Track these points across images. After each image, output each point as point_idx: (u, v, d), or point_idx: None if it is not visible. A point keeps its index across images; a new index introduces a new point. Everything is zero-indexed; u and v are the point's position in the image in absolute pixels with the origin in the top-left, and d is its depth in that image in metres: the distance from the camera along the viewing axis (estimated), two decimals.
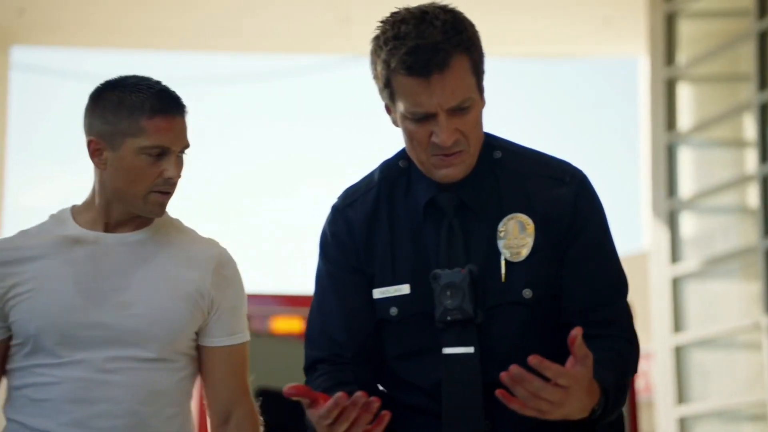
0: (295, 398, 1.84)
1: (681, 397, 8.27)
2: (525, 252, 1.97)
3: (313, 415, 1.85)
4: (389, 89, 1.97)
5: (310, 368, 2.07)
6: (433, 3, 1.99)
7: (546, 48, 10.02)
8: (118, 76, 2.25)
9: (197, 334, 2.27)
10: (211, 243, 2.31)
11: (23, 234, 2.27)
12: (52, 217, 2.29)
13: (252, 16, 9.01)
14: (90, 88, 2.27)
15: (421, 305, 1.99)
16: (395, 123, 2.02)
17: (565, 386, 1.79)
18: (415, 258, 2.01)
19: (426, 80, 1.92)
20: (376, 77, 2.00)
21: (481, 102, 2.00)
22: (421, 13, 1.95)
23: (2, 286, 2.21)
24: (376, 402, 1.83)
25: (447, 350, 1.96)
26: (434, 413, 2.00)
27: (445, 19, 1.96)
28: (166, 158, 2.20)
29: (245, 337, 2.31)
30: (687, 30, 8.59)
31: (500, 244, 1.98)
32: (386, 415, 1.85)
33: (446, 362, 1.96)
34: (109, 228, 2.25)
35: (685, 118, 8.53)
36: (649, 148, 8.67)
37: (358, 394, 1.83)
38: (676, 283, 8.35)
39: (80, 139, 2.26)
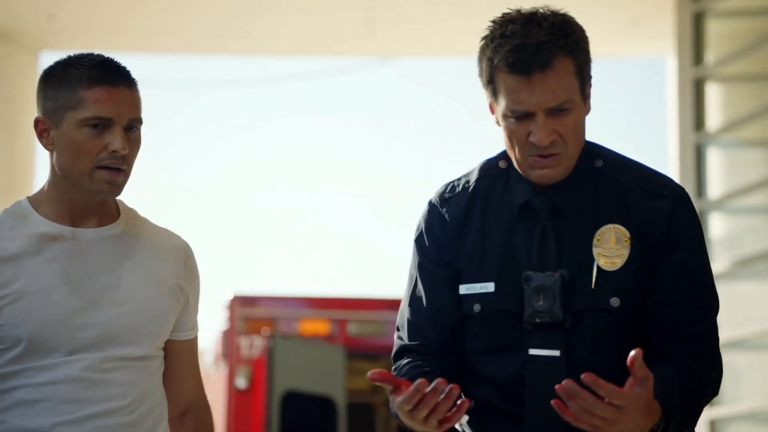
0: (378, 383, 1.88)
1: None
2: (619, 263, 1.98)
3: (395, 400, 1.89)
4: (492, 86, 2.00)
5: (397, 356, 2.10)
6: (546, 6, 2.04)
7: None
8: (66, 56, 2.17)
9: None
10: (172, 234, 2.27)
11: None
12: (7, 212, 2.18)
13: (281, 20, 9.05)
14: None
15: (504, 304, 2.01)
16: (497, 122, 2.04)
17: (618, 406, 1.81)
18: (503, 257, 2.03)
19: (527, 79, 1.95)
20: (480, 74, 2.03)
21: (585, 107, 2.02)
22: (531, 14, 2.00)
23: None
24: (456, 389, 1.85)
25: (533, 351, 1.98)
26: (504, 411, 2.02)
27: (554, 22, 2.00)
28: (110, 130, 2.09)
29: (198, 329, 2.32)
30: (715, 29, 8.54)
31: (595, 251, 2.00)
32: (465, 402, 1.88)
33: (531, 363, 1.98)
34: (76, 220, 2.15)
35: (713, 118, 8.48)
36: (677, 148, 8.62)
37: (439, 380, 1.85)
38: None
39: None
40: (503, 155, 2.09)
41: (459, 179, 2.12)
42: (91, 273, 2.14)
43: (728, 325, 8.25)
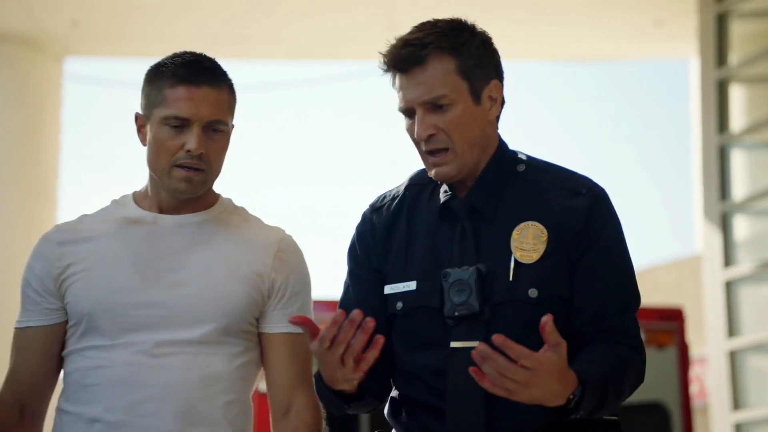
0: (299, 326, 1.95)
1: (737, 402, 8.16)
2: (536, 256, 2.04)
3: (313, 345, 1.96)
4: (395, 88, 2.11)
5: None
6: (458, 17, 2.12)
7: (597, 51, 9.97)
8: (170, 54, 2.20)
9: (257, 320, 2.20)
10: (275, 229, 2.25)
11: (84, 217, 2.24)
12: (114, 201, 2.25)
13: (303, 24, 9.07)
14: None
15: (425, 300, 2.08)
16: None
17: (529, 368, 1.86)
18: (426, 257, 2.10)
19: (406, 75, 2.06)
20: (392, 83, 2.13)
21: (476, 106, 2.08)
22: (427, 21, 2.12)
23: (58, 266, 2.18)
24: (371, 321, 1.92)
25: (454, 344, 2.04)
26: (429, 406, 2.07)
27: (443, 25, 2.09)
28: (188, 130, 2.11)
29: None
30: (738, 30, 8.49)
31: (513, 245, 2.06)
32: (380, 338, 1.94)
33: (452, 356, 2.04)
34: (164, 210, 2.20)
35: (737, 120, 8.43)
36: (700, 150, 8.58)
37: (355, 311, 1.93)
38: (730, 287, 8.25)
39: (133, 149, 2.26)
40: None
41: (391, 190, 2.21)
42: (159, 255, 2.17)
43: (753, 328, 8.20)
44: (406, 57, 2.05)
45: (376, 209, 2.19)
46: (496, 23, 2.16)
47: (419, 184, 2.17)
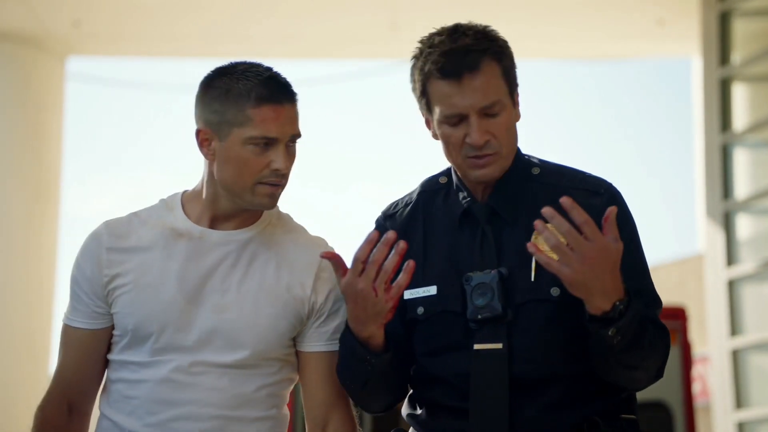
0: (329, 260, 2.02)
1: (739, 401, 8.16)
2: (556, 257, 2.03)
3: (342, 279, 2.02)
4: (425, 98, 2.12)
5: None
6: (469, 21, 2.13)
7: (599, 50, 9.96)
8: (229, 63, 2.18)
9: (294, 339, 2.22)
10: (317, 244, 2.24)
11: (134, 218, 2.22)
12: (162, 201, 2.24)
13: (305, 23, 9.07)
14: (146, 97, 2.25)
15: (446, 304, 2.10)
16: (434, 136, 2.15)
17: (590, 239, 1.90)
18: (446, 262, 2.13)
19: (458, 82, 2.06)
20: (414, 89, 2.14)
21: (514, 111, 2.12)
22: (454, 26, 2.12)
23: (107, 274, 2.19)
24: (403, 243, 1.97)
25: (477, 346, 2.05)
26: (451, 408, 2.08)
27: (477, 30, 2.11)
28: (273, 148, 2.13)
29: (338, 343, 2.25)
30: (741, 29, 8.49)
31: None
32: (411, 263, 1.98)
33: (476, 357, 2.05)
34: (215, 222, 2.19)
35: (740, 119, 8.43)
36: (703, 149, 8.57)
37: (390, 232, 1.99)
38: (732, 286, 8.24)
39: (136, 148, 2.25)
40: (443, 172, 2.22)
41: (402, 198, 2.24)
42: (204, 275, 2.18)
43: (756, 327, 8.20)
44: (465, 63, 2.04)
45: (389, 216, 2.21)
46: (497, 22, 2.16)
47: (430, 191, 2.20)
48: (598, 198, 2.10)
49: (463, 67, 2.05)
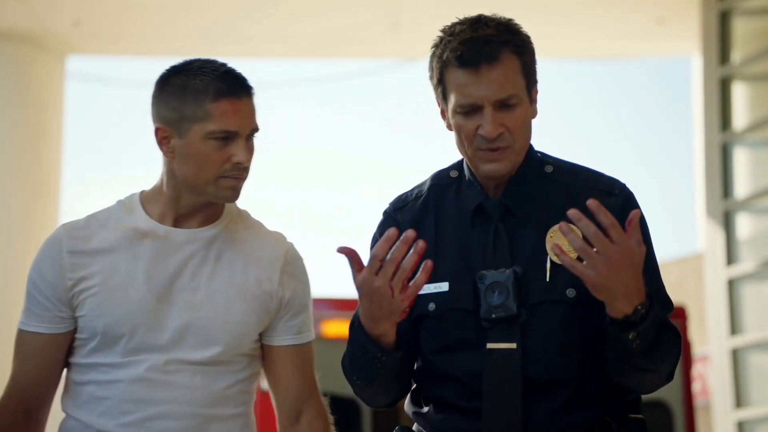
0: (345, 254, 1.97)
1: (739, 400, 8.16)
2: (572, 257, 2.02)
3: (358, 276, 1.97)
4: (442, 86, 2.09)
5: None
6: (493, 12, 2.11)
7: (599, 49, 9.96)
8: (183, 61, 2.19)
9: (261, 333, 2.23)
10: (278, 239, 2.26)
11: (92, 221, 2.21)
12: (120, 203, 2.24)
13: (305, 22, 9.07)
14: (146, 96, 2.22)
15: (458, 302, 2.08)
16: (448, 127, 2.12)
17: (615, 242, 1.88)
18: (457, 259, 2.10)
19: (475, 71, 2.03)
20: (431, 77, 2.11)
21: (531, 107, 2.10)
22: (477, 17, 2.10)
23: (71, 278, 2.17)
24: (422, 242, 1.94)
25: (491, 345, 2.03)
26: (462, 408, 2.06)
27: (499, 22, 2.09)
28: (234, 142, 2.14)
29: (311, 335, 2.27)
30: (741, 28, 8.49)
31: (548, 246, 2.06)
32: (429, 263, 1.95)
33: (489, 357, 2.03)
34: (178, 220, 2.20)
35: (739, 118, 8.43)
36: (703, 148, 8.57)
37: (409, 231, 1.94)
38: (732, 285, 8.24)
39: (136, 148, 2.25)
40: (454, 166, 2.19)
41: (412, 190, 2.20)
42: (173, 274, 2.17)
43: (756, 327, 8.19)
44: (484, 53, 2.02)
45: (399, 208, 2.18)
46: None
47: (440, 185, 2.17)
48: (613, 198, 2.09)
49: (482, 57, 2.02)
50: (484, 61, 2.02)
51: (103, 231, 2.20)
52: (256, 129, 2.18)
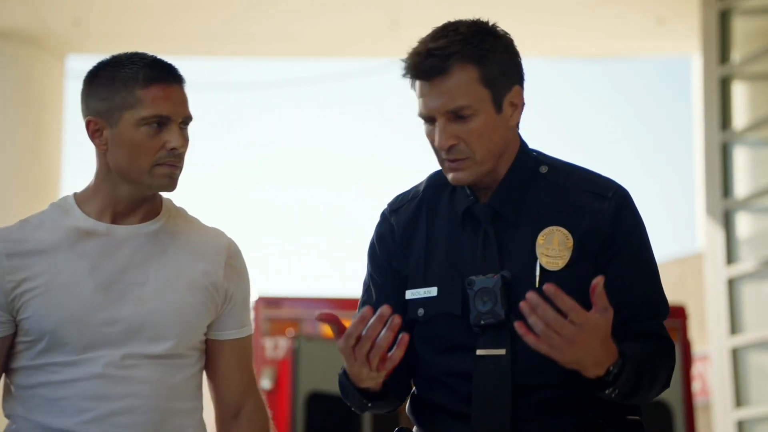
0: (325, 323, 1.96)
1: (739, 400, 8.16)
2: (561, 264, 2.02)
3: (339, 342, 1.96)
4: (415, 93, 2.08)
5: None
6: (479, 19, 2.08)
7: (599, 48, 9.96)
8: (111, 56, 2.19)
9: (207, 327, 2.23)
10: (219, 233, 2.26)
11: (25, 225, 2.18)
12: (54, 206, 2.20)
13: (306, 21, 9.07)
14: None
15: (446, 307, 2.07)
16: None
17: (576, 323, 1.86)
18: (447, 262, 2.09)
19: (428, 83, 2.02)
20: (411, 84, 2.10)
21: (500, 115, 2.05)
22: (443, 26, 2.06)
23: (11, 280, 2.13)
24: (397, 318, 1.93)
25: (480, 352, 2.03)
26: (453, 411, 2.06)
27: (465, 31, 2.04)
28: (167, 128, 2.12)
29: (251, 329, 2.28)
30: (741, 27, 8.49)
31: (538, 251, 2.04)
32: (405, 336, 1.94)
33: (479, 363, 2.03)
34: (117, 217, 2.18)
35: (739, 117, 8.43)
36: (703, 147, 8.57)
37: (384, 307, 1.94)
38: (732, 285, 8.24)
39: None
40: None
41: (409, 191, 2.19)
42: (120, 269, 2.16)
43: (756, 326, 8.19)
44: (428, 67, 2.01)
45: (394, 210, 2.17)
46: (497, 21, 2.14)
47: (436, 186, 2.15)
48: (606, 202, 2.05)
49: (431, 69, 2.01)
50: (435, 74, 2.00)
51: (38, 232, 2.17)
52: (189, 117, 2.16)
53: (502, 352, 1.98)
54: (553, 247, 2.02)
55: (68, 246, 2.16)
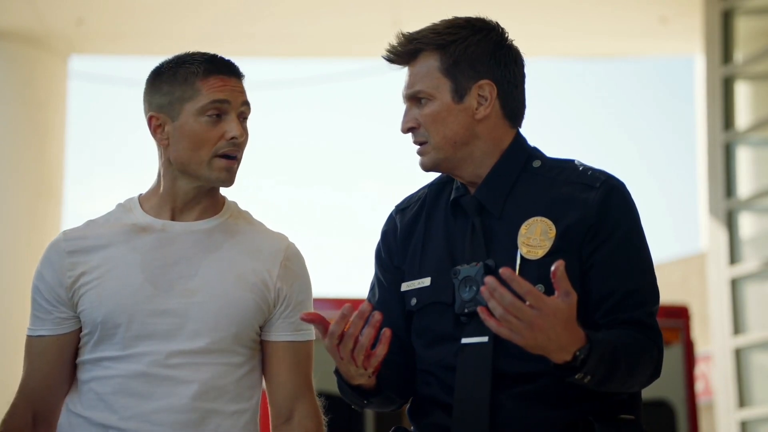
0: (309, 323, 1.99)
1: (742, 400, 8.15)
2: (541, 252, 2.03)
3: (325, 342, 1.99)
4: None
5: None
6: (480, 16, 2.14)
7: (602, 48, 9.96)
8: (173, 55, 2.27)
9: (261, 328, 2.23)
10: (280, 236, 2.27)
11: (90, 223, 2.25)
12: (119, 205, 2.27)
13: (308, 21, 9.08)
14: None
15: (437, 296, 2.10)
16: None
17: (534, 307, 1.85)
18: (441, 254, 2.12)
19: (407, 69, 2.14)
20: None
21: (457, 105, 2.10)
22: (449, 18, 2.15)
23: (70, 275, 2.20)
24: (378, 315, 1.96)
25: (465, 340, 2.05)
26: (447, 404, 2.06)
27: (447, 23, 2.14)
28: (226, 118, 2.18)
29: (310, 334, 2.26)
30: (744, 27, 8.48)
31: (520, 240, 2.06)
32: (387, 331, 1.97)
33: (462, 351, 2.05)
34: (175, 213, 2.22)
35: (742, 117, 8.42)
36: (706, 147, 8.57)
37: (365, 304, 1.97)
38: (735, 285, 8.24)
39: (139, 147, 2.26)
40: None
41: (418, 190, 2.24)
42: (170, 263, 2.19)
43: (759, 326, 8.19)
44: (400, 52, 2.13)
45: (401, 210, 2.22)
46: (500, 21, 2.15)
47: (440, 182, 2.20)
48: (593, 192, 2.05)
49: (406, 54, 2.12)
50: (408, 59, 2.13)
51: (100, 229, 2.23)
52: (248, 106, 2.22)
53: (484, 339, 2.00)
54: (535, 237, 2.04)
55: (124, 241, 2.21)
